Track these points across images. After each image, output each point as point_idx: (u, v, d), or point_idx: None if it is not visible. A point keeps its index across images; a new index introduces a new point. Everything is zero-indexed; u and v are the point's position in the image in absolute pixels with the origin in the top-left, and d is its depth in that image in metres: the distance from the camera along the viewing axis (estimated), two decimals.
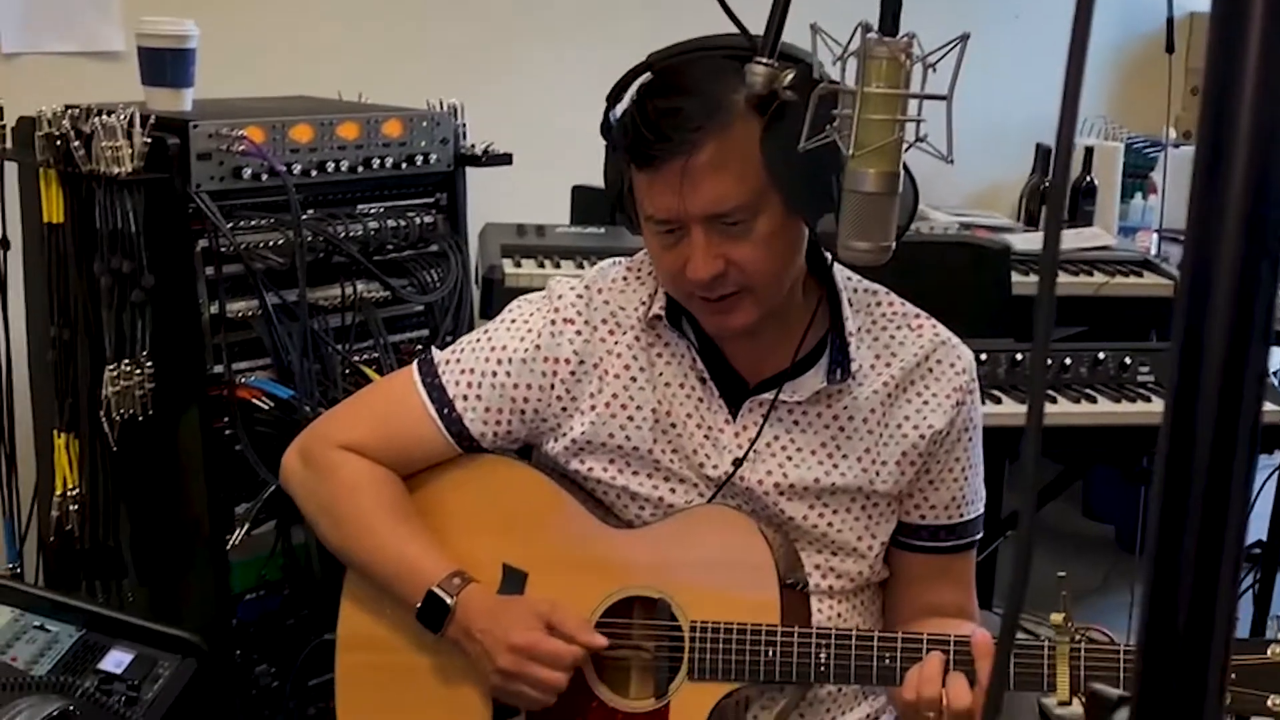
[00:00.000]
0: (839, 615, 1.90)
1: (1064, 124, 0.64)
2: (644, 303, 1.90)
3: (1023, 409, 3.01)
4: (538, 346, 1.89)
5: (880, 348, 1.89)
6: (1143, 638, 0.61)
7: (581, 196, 3.48)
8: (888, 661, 1.78)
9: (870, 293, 1.93)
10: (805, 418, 1.88)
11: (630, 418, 1.88)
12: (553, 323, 1.90)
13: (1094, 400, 3.09)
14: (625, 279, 1.93)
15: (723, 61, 1.69)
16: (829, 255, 1.84)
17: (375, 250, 2.53)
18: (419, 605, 1.85)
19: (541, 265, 3.13)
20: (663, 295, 1.87)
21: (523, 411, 1.90)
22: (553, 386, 1.89)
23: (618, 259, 1.98)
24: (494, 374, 1.90)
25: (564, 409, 1.90)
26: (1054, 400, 3.07)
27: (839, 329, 1.87)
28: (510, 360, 1.90)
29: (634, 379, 1.88)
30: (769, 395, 1.86)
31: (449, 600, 1.84)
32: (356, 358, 2.52)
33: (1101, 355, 3.16)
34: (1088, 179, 4.14)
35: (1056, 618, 1.70)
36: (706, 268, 1.74)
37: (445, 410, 1.92)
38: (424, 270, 2.60)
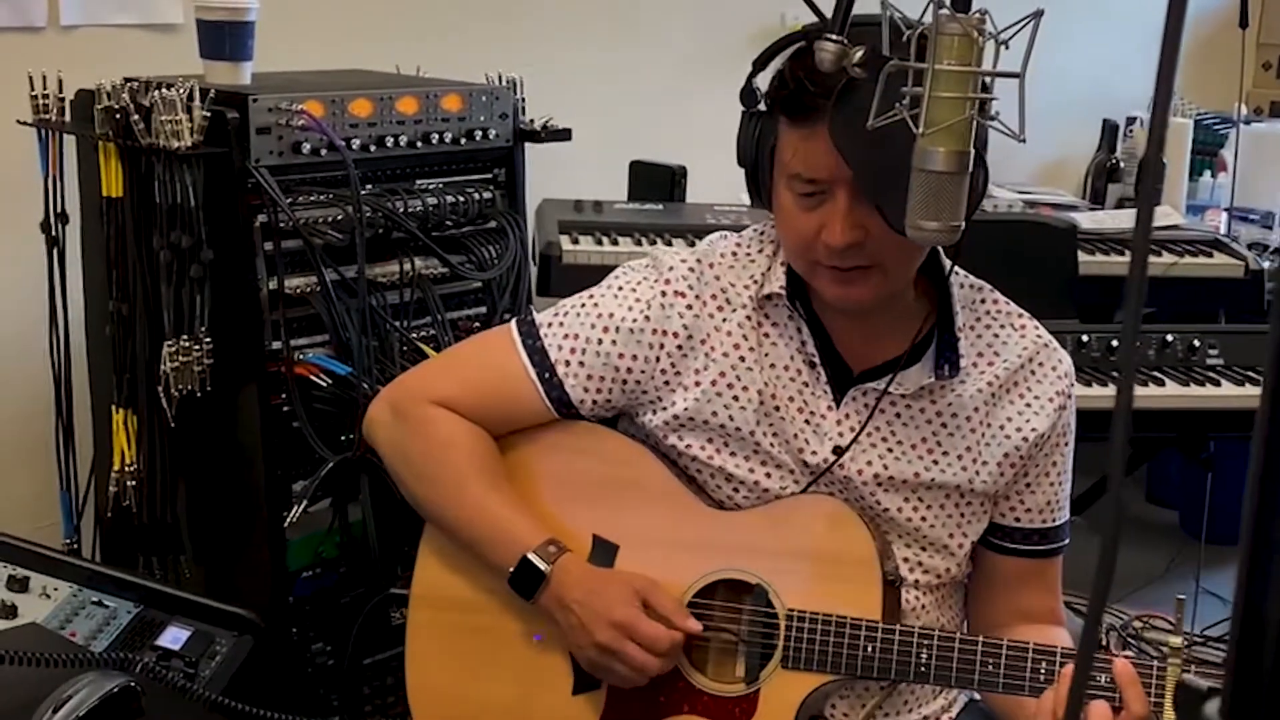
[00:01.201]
0: (922, 607, 1.90)
1: (1157, 107, 0.63)
2: (755, 280, 1.88)
3: (1088, 392, 2.99)
4: (647, 317, 1.88)
5: (984, 346, 1.88)
6: (1235, 628, 0.61)
7: (639, 172, 3.48)
8: (990, 668, 1.76)
9: (976, 289, 1.92)
10: (909, 411, 1.87)
11: (735, 398, 1.86)
12: (663, 294, 1.89)
13: (1162, 383, 3.06)
14: (734, 254, 1.91)
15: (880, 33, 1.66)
16: (944, 255, 1.83)
17: (434, 226, 2.53)
18: (512, 570, 1.84)
19: (599, 242, 3.13)
20: (780, 273, 1.86)
21: (625, 382, 1.89)
22: (658, 359, 1.88)
23: (725, 233, 1.96)
24: (599, 341, 1.89)
25: (666, 383, 1.89)
26: None
27: (947, 324, 1.86)
28: (618, 329, 1.89)
29: (742, 359, 1.87)
30: (874, 384, 1.85)
31: (545, 568, 1.83)
32: (414, 335, 2.53)
33: (1170, 337, 3.13)
34: None
35: (1175, 641, 1.68)
36: (846, 234, 1.72)
37: (546, 374, 1.91)
38: (482, 246, 2.61)
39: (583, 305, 1.93)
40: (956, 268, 1.89)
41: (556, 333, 1.92)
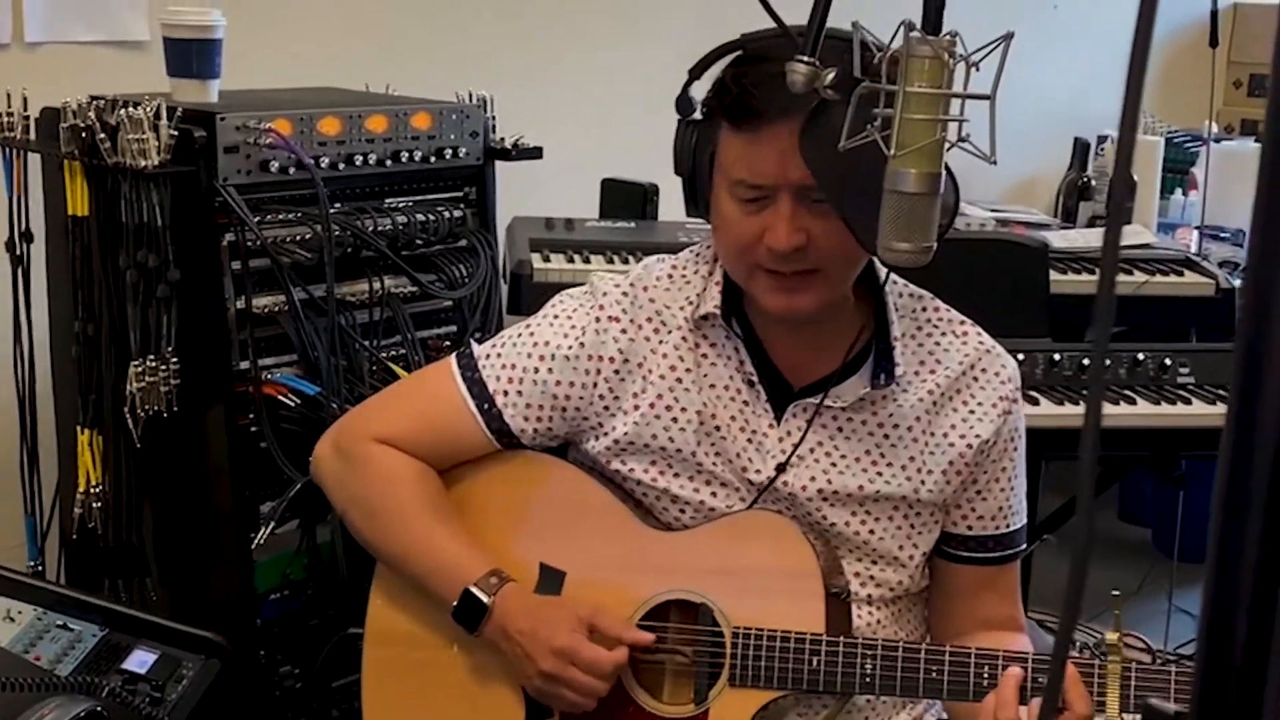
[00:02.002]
0: (878, 623, 1.91)
1: (1124, 128, 0.64)
2: (691, 302, 1.89)
3: (1059, 411, 3.01)
4: (582, 344, 1.90)
5: (925, 354, 1.89)
6: (1201, 654, 0.62)
7: (611, 190, 3.48)
8: (934, 674, 1.78)
9: (916, 298, 1.93)
10: (850, 424, 1.88)
11: (675, 419, 1.88)
12: (597, 320, 1.90)
13: (1133, 402, 3.08)
14: (670, 277, 1.93)
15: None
16: (877, 260, 1.85)
17: (404, 245, 2.54)
18: (455, 604, 1.86)
19: (571, 260, 3.13)
20: (715, 293, 1.87)
21: (564, 409, 1.91)
22: (595, 385, 1.89)
23: (662, 256, 1.97)
24: (536, 370, 1.91)
25: (606, 408, 1.90)
26: None
27: (884, 334, 1.87)
28: (554, 356, 1.90)
29: (679, 380, 1.88)
30: (814, 400, 1.86)
31: (486, 599, 1.84)
32: (384, 354, 2.53)
33: (1141, 356, 3.15)
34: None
35: (1112, 636, 1.70)
36: (790, 238, 1.73)
37: (485, 405, 1.92)
38: (453, 265, 2.61)
39: (519, 335, 1.95)
40: (896, 278, 1.90)
41: (494, 364, 1.93)
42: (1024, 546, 1.99)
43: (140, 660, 1.98)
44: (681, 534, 1.90)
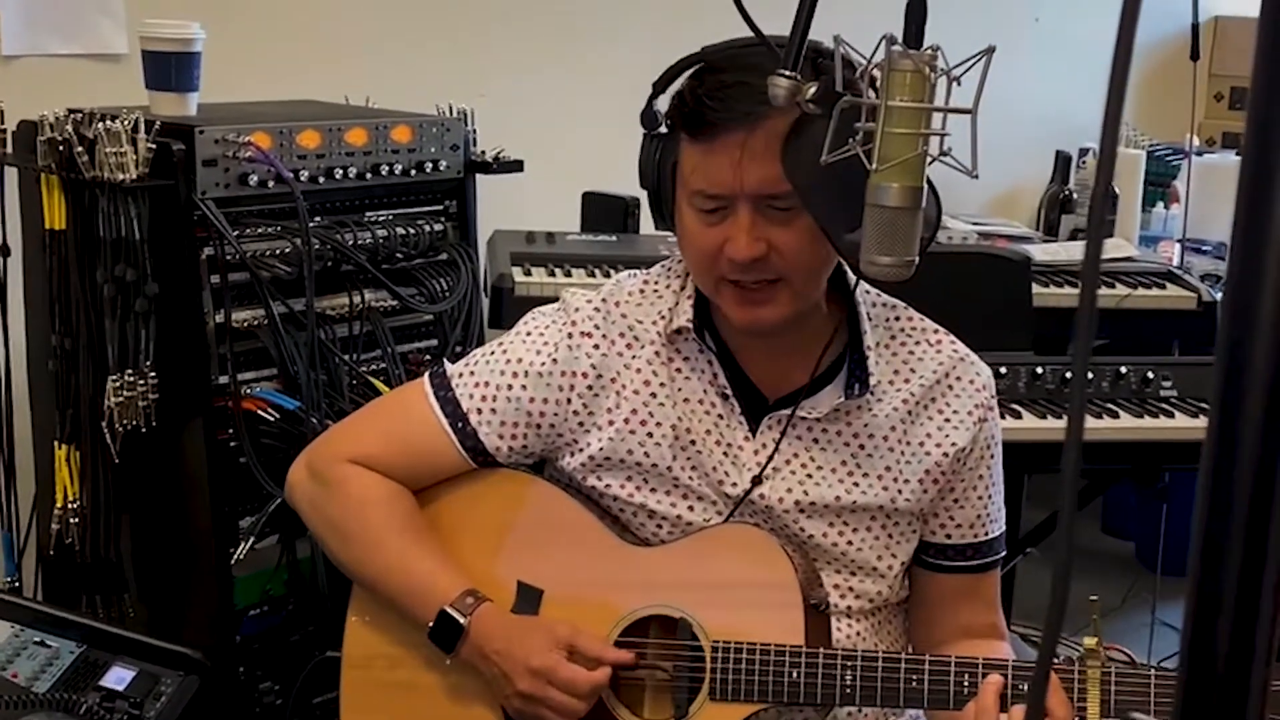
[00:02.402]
0: (857, 634, 1.91)
1: (1106, 140, 0.64)
2: (663, 316, 1.90)
3: (1041, 424, 3.02)
4: (555, 360, 1.90)
5: (899, 363, 1.90)
6: (1184, 663, 0.62)
7: (592, 203, 3.49)
8: (915, 684, 1.78)
9: (889, 307, 1.94)
10: (825, 435, 1.88)
11: (650, 434, 1.88)
12: (569, 336, 1.91)
13: (1116, 415, 3.09)
14: (643, 292, 1.93)
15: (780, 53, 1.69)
16: (849, 270, 1.85)
17: (384, 259, 2.54)
18: (431, 625, 1.86)
19: (552, 274, 3.14)
20: (687, 306, 1.88)
21: (539, 426, 1.91)
22: (569, 401, 1.90)
23: (633, 271, 1.98)
24: (509, 387, 1.91)
25: (580, 424, 1.90)
26: None
27: (857, 343, 1.88)
28: (526, 374, 1.91)
29: (654, 395, 1.88)
30: (788, 411, 1.87)
31: (462, 620, 1.84)
32: (364, 368, 2.53)
33: (1124, 369, 3.16)
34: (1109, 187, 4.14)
35: (1090, 641, 1.71)
36: (749, 248, 1.74)
37: (459, 424, 1.93)
38: (433, 279, 2.61)
39: (492, 353, 1.95)
40: (868, 288, 1.91)
41: (468, 382, 1.94)
42: (1003, 554, 2.00)
43: (118, 677, 1.98)
44: (659, 549, 1.91)
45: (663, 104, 1.82)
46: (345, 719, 2.00)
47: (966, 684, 1.78)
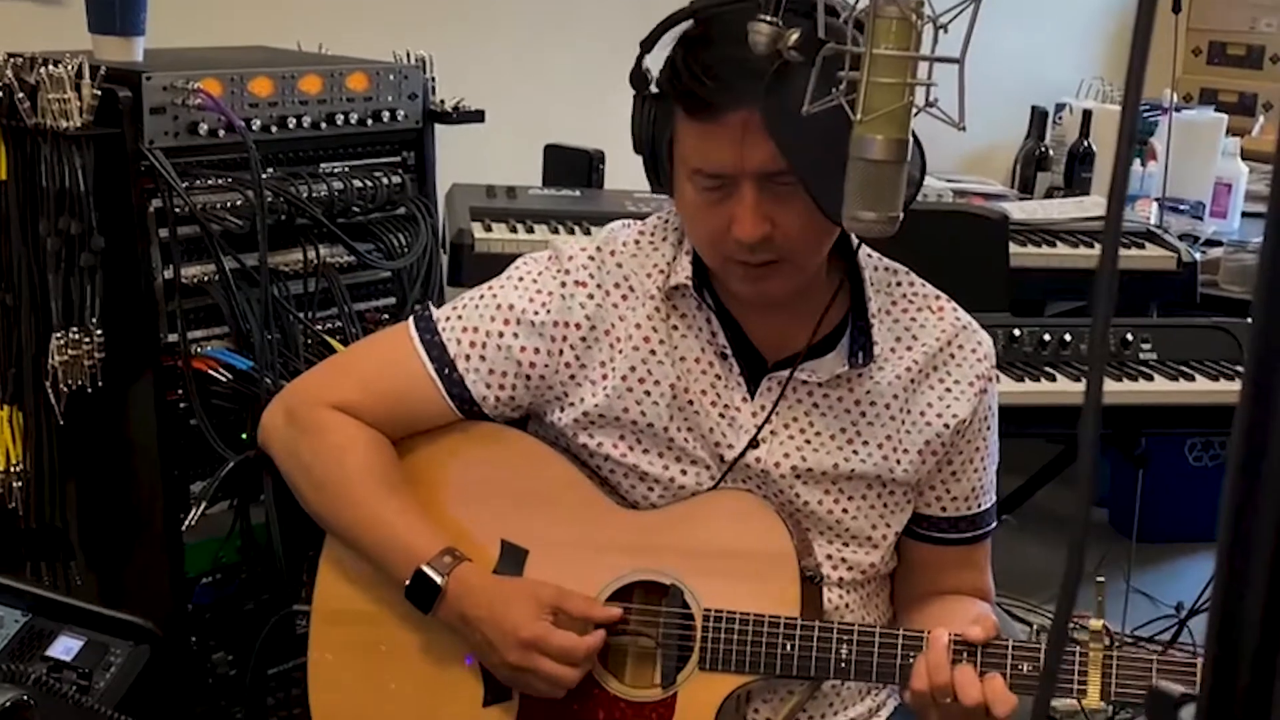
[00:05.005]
0: (847, 607, 1.91)
1: (1127, 113, 0.63)
2: (661, 270, 1.88)
3: (1019, 387, 3.02)
4: (548, 309, 1.88)
5: (901, 330, 1.90)
6: (1212, 632, 0.61)
7: (555, 156, 3.47)
8: (911, 660, 1.78)
9: (890, 271, 1.93)
10: (826, 400, 1.88)
11: (647, 392, 1.87)
12: (564, 285, 1.88)
13: None
14: (638, 243, 1.91)
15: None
16: (853, 234, 1.84)
17: (339, 212, 2.51)
18: (407, 583, 1.83)
19: (514, 230, 3.11)
20: (686, 263, 1.86)
21: (529, 377, 1.89)
22: (562, 352, 1.88)
23: (627, 221, 1.96)
24: (500, 334, 1.89)
25: (572, 376, 1.88)
26: (1052, 379, 3.07)
27: (860, 310, 1.87)
28: (519, 321, 1.88)
29: (653, 352, 1.87)
30: (788, 373, 1.86)
31: (439, 580, 1.82)
32: (320, 327, 2.50)
33: None
34: (1085, 144, 4.15)
35: (1095, 623, 1.71)
36: (755, 228, 1.73)
37: (446, 370, 1.90)
38: (391, 234, 2.59)
39: (481, 297, 1.92)
40: (870, 251, 1.90)
41: (455, 326, 1.91)
42: (994, 525, 2.01)
43: (66, 647, 1.95)
44: (649, 513, 1.90)
45: (653, 59, 1.79)
46: (313, 676, 1.97)
47: (964, 659, 1.77)
